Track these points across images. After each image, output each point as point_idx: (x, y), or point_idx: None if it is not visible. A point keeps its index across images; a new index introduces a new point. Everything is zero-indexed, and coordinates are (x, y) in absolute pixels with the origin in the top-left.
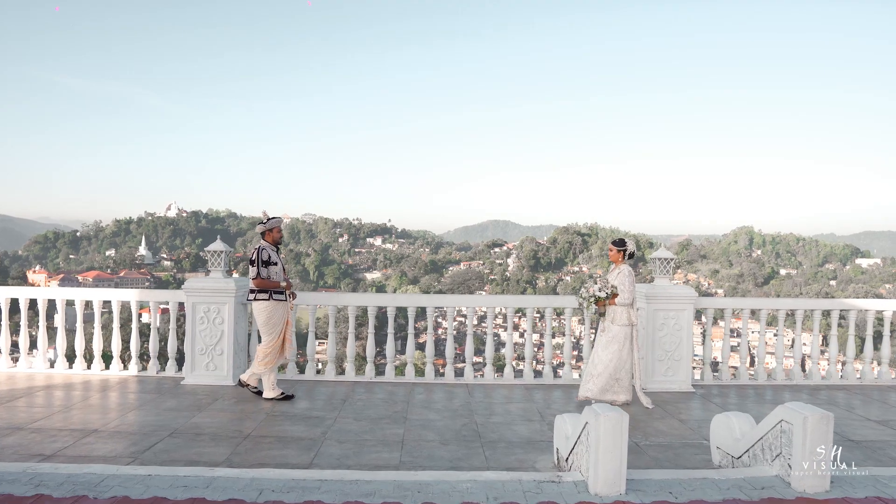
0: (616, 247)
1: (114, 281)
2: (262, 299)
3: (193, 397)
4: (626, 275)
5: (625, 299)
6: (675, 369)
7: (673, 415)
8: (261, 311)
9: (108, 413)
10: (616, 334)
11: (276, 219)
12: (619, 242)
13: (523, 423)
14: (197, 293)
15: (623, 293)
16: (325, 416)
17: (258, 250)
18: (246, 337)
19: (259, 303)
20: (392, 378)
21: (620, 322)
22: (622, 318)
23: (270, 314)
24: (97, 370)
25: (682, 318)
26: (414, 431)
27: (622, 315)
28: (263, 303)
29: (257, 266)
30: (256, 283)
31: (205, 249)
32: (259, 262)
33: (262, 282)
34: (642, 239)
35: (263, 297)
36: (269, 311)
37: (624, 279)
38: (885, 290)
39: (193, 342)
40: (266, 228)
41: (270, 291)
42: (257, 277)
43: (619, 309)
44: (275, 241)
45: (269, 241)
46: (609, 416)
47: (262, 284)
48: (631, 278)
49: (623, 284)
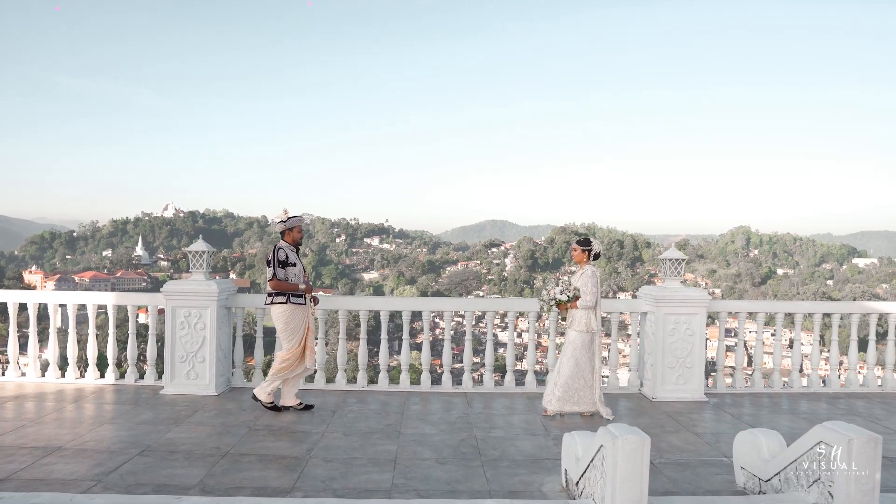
0: (580, 247)
1: (110, 281)
2: (280, 303)
3: (172, 409)
4: (590, 276)
5: (587, 302)
6: (687, 377)
7: (687, 427)
8: (278, 315)
9: (77, 427)
10: (572, 340)
11: (297, 217)
12: (583, 242)
13: (527, 438)
14: (177, 296)
15: (585, 296)
16: (312, 431)
17: (275, 250)
18: (230, 343)
19: (276, 307)
20: (385, 387)
21: (578, 327)
22: (580, 323)
23: (289, 319)
24: (71, 379)
25: (694, 323)
26: (408, 448)
27: (581, 320)
28: (281, 307)
29: (273, 267)
30: (273, 285)
31: (185, 250)
32: (275, 262)
33: (279, 284)
34: (640, 239)
35: (281, 300)
36: (287, 316)
37: (587, 281)
38: (881, 289)
39: (173, 349)
40: (286, 228)
41: (288, 294)
42: (273, 279)
43: (579, 313)
44: (294, 242)
45: (289, 242)
46: (628, 439)
47: (278, 287)
48: (594, 280)
49: (586, 287)
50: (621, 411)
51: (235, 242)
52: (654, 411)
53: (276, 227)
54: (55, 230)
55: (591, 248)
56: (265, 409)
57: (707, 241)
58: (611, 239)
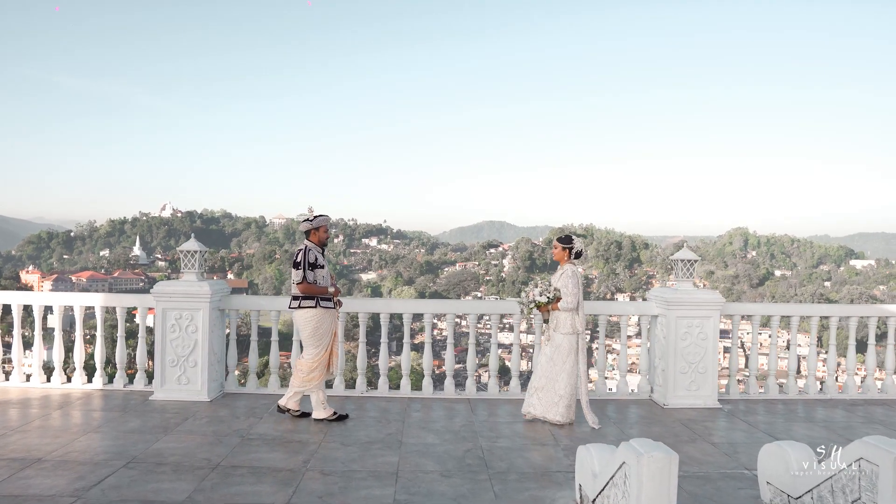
0: (561, 244)
1: (107, 281)
2: (308, 307)
3: (161, 416)
4: (570, 276)
5: (568, 304)
6: (700, 383)
7: (703, 436)
8: (307, 320)
9: (60, 436)
10: (559, 344)
11: (323, 216)
12: (564, 239)
13: (536, 448)
14: (167, 298)
15: (566, 297)
16: (309, 440)
17: (304, 251)
18: (223, 347)
19: (304, 311)
20: (385, 392)
21: (564, 330)
22: (566, 325)
23: (318, 324)
24: (57, 384)
25: (707, 326)
26: (410, 459)
27: (566, 322)
28: (310, 311)
29: (303, 269)
30: (302, 288)
31: (177, 249)
32: (305, 264)
33: (309, 287)
34: (638, 240)
35: (309, 304)
36: (316, 321)
37: (567, 281)
38: (879, 291)
39: (163, 353)
40: (312, 227)
41: (317, 298)
42: (303, 282)
43: (563, 315)
44: (321, 242)
45: (315, 242)
46: (655, 456)
47: (308, 290)
48: (576, 279)
49: (567, 287)
50: (632, 418)
51: (233, 243)
52: (667, 419)
53: (301, 226)
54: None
55: (572, 246)
56: (294, 417)
57: (705, 242)
58: (609, 240)
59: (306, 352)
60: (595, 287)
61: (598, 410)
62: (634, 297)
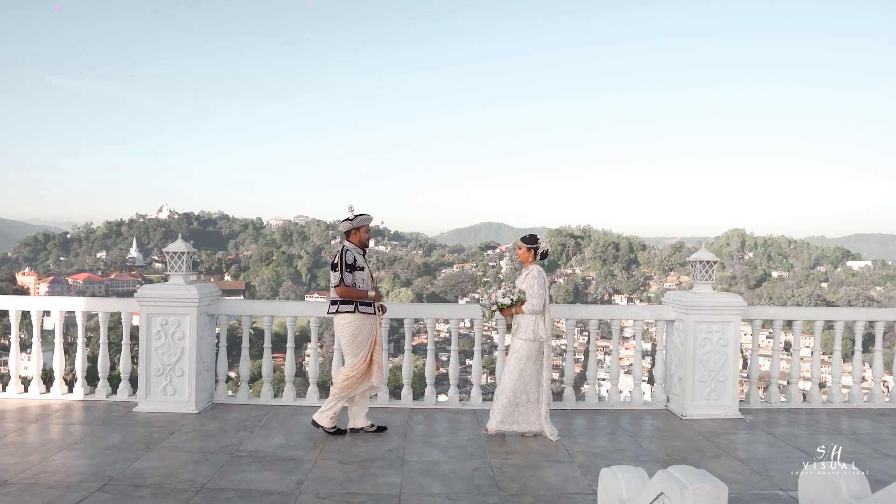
0: (526, 244)
1: (104, 283)
2: (346, 312)
3: (145, 430)
4: (535, 277)
5: (533, 307)
6: (721, 392)
7: (727, 451)
8: (345, 326)
9: (32, 454)
10: (517, 349)
11: (364, 216)
12: (529, 239)
13: (549, 466)
14: (152, 302)
15: (531, 299)
16: (304, 458)
17: (342, 252)
18: (212, 355)
19: (342, 316)
20: (386, 402)
21: (524, 335)
22: (526, 330)
23: (357, 331)
24: (35, 394)
25: (727, 332)
26: (414, 480)
27: (527, 327)
28: (348, 316)
29: (341, 271)
30: (340, 291)
31: (163, 251)
32: (343, 265)
33: (347, 290)
34: (635, 241)
35: (348, 309)
36: (354, 327)
37: (532, 283)
38: (875, 292)
39: (148, 361)
40: (352, 227)
41: (356, 303)
42: (340, 285)
43: (525, 319)
44: (362, 243)
45: (356, 243)
46: (701, 488)
47: (346, 294)
48: (541, 281)
49: (531, 289)
50: (648, 431)
51: (230, 244)
52: (686, 431)
53: (341, 226)
54: (49, 232)
55: (537, 246)
56: (328, 434)
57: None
58: (606, 241)
59: (346, 360)
60: (592, 288)
61: (613, 421)
62: (632, 299)
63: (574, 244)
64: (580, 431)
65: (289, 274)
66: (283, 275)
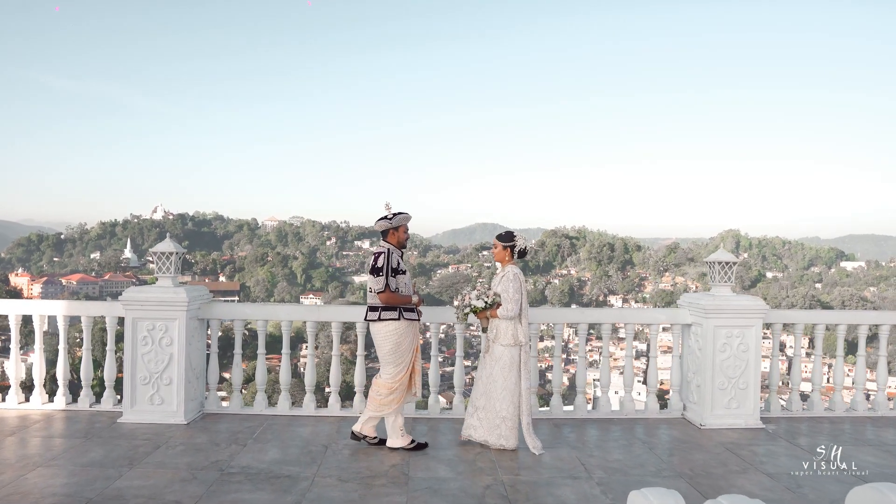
0: (501, 242)
1: (98, 284)
2: (390, 319)
3: (129, 443)
4: (511, 279)
5: (508, 311)
6: (741, 400)
7: (753, 465)
8: (387, 335)
9: (5, 472)
10: (499, 357)
11: (403, 214)
12: (505, 237)
13: (566, 483)
14: (138, 306)
15: (506, 303)
16: (300, 474)
17: (386, 254)
18: (203, 362)
19: (385, 324)
20: None
21: (504, 341)
22: (506, 335)
23: (399, 339)
24: (13, 404)
25: (748, 337)
26: (421, 499)
27: (506, 332)
28: (392, 324)
29: (386, 275)
30: (384, 297)
31: (150, 251)
32: (388, 269)
33: (392, 296)
34: (630, 242)
35: (391, 316)
36: (398, 336)
37: (508, 285)
38: (869, 292)
39: (134, 369)
40: (391, 227)
41: (400, 309)
42: (385, 290)
43: (503, 324)
44: (400, 244)
45: (394, 244)
46: None
47: (390, 300)
48: (516, 284)
49: (507, 291)
50: (667, 442)
51: (225, 245)
52: (707, 443)
53: (378, 225)
54: (42, 232)
55: (514, 244)
56: (408, 450)
57: (697, 244)
58: (601, 242)
59: (385, 370)
60: (588, 289)
61: (628, 432)
62: (627, 300)
63: (569, 245)
64: (594, 443)
65: (284, 275)
66: (279, 276)
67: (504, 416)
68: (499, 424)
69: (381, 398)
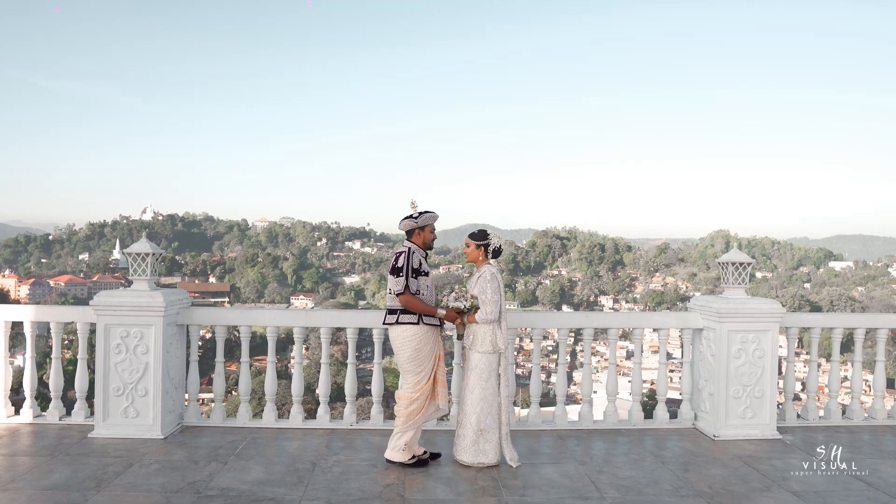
0: (474, 241)
1: (87, 285)
2: (409, 323)
3: (98, 462)
4: (489, 280)
5: (487, 314)
6: (757, 409)
7: (777, 482)
8: (406, 340)
9: None
10: (476, 364)
11: (430, 213)
12: (478, 235)
13: None
14: (111, 311)
15: (485, 305)
16: (285, 497)
17: (407, 253)
18: (182, 370)
19: (403, 328)
20: (380, 424)
21: (483, 348)
22: (484, 341)
23: (419, 346)
24: None
25: (764, 342)
26: None
27: (484, 337)
28: (410, 328)
29: (406, 275)
30: (404, 301)
31: (124, 252)
32: (408, 269)
33: (412, 300)
34: (620, 242)
35: (410, 320)
36: (417, 342)
37: (486, 286)
38: (857, 292)
39: (106, 379)
40: (417, 226)
41: (419, 313)
42: (406, 293)
43: (481, 329)
44: (426, 245)
45: (419, 244)
46: None
47: (410, 303)
48: (494, 285)
49: (485, 293)
50: (680, 455)
51: (215, 246)
52: (723, 456)
53: (402, 225)
54: (30, 233)
55: (487, 243)
56: (406, 467)
57: (687, 245)
58: (592, 242)
59: (405, 380)
60: (579, 290)
61: (638, 444)
62: (618, 300)
63: (560, 245)
64: (603, 457)
65: (274, 276)
66: (269, 276)
67: (482, 428)
68: (476, 439)
69: (404, 410)
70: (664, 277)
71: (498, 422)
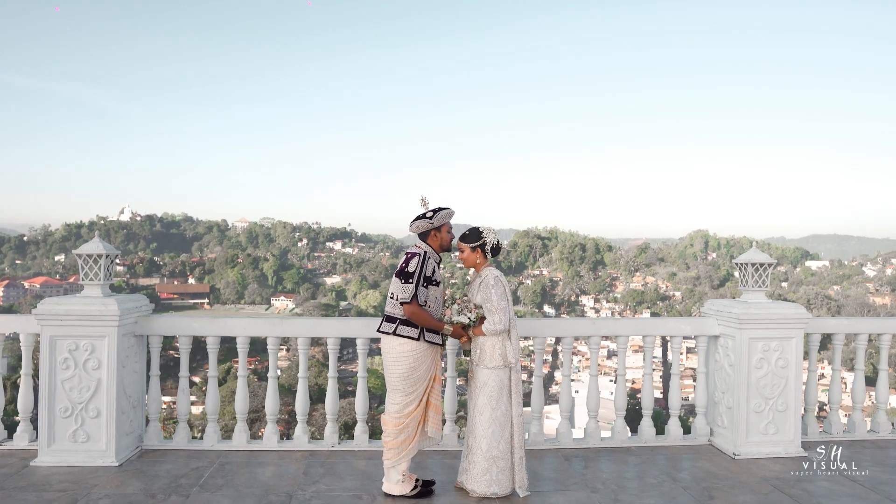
0: (468, 244)
1: (63, 287)
2: (408, 337)
3: (38, 496)
4: (492, 285)
5: (496, 323)
6: (780, 424)
7: None
8: (401, 355)
9: None
10: (486, 382)
11: (446, 210)
12: (470, 236)
13: None
14: (57, 321)
15: (492, 314)
16: None
17: (421, 257)
18: (141, 387)
19: (400, 342)
20: (365, 444)
21: (491, 363)
22: (493, 355)
23: (415, 364)
24: None
25: (788, 350)
26: None
27: (493, 351)
28: (409, 343)
29: (416, 283)
30: (409, 310)
31: (75, 253)
32: (420, 275)
33: (418, 311)
34: (601, 242)
35: (410, 333)
36: (414, 360)
37: (490, 293)
38: (833, 291)
39: (52, 399)
40: (432, 226)
41: (422, 327)
42: (412, 302)
43: (489, 341)
44: (443, 247)
45: (435, 247)
46: None
47: (416, 315)
48: (500, 290)
49: (490, 301)
50: (700, 477)
51: (195, 247)
52: (748, 478)
53: (414, 227)
54: (4, 234)
55: (483, 242)
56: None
57: (667, 245)
58: (573, 242)
59: (392, 398)
60: (560, 289)
61: (651, 464)
62: (599, 300)
63: (541, 245)
64: (615, 481)
65: (255, 276)
66: (249, 277)
67: (493, 455)
68: (488, 468)
69: (393, 440)
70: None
71: (511, 446)
